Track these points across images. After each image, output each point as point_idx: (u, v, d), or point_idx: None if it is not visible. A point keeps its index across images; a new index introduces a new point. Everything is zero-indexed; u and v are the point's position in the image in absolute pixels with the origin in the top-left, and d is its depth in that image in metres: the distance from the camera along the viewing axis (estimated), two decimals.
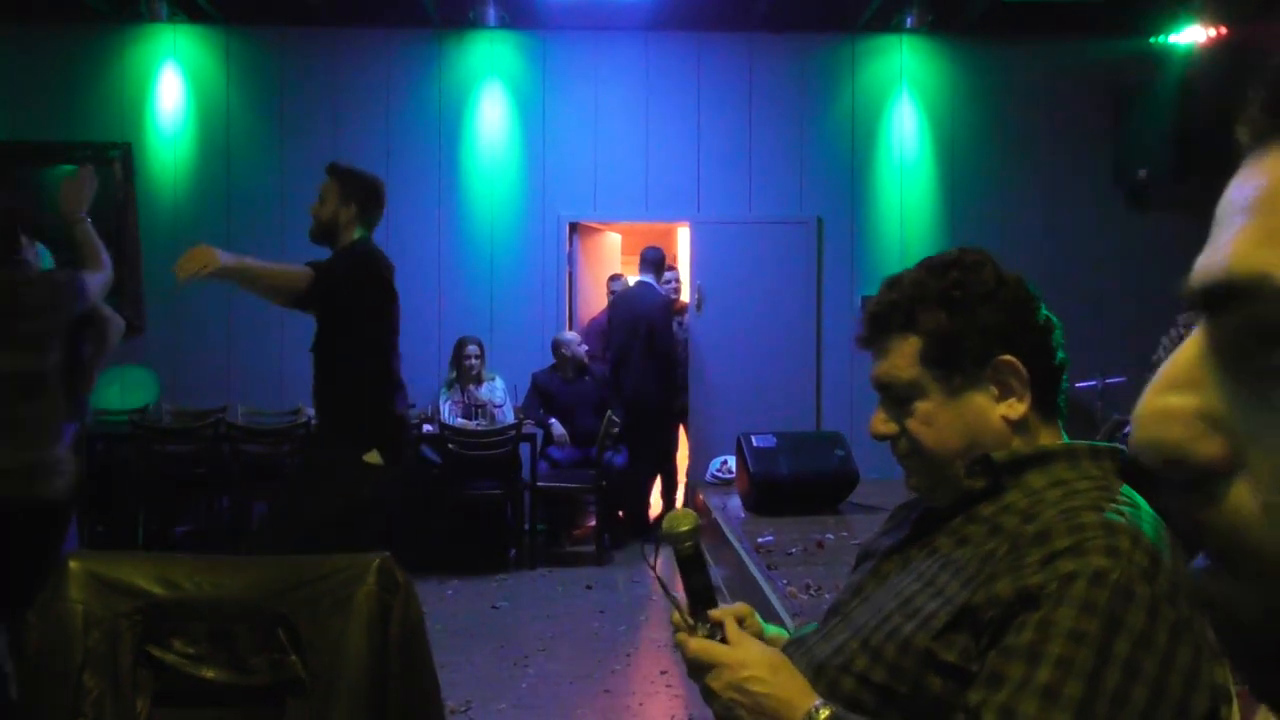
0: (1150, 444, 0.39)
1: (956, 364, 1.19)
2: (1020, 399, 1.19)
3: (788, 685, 1.14)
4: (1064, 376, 1.24)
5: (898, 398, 1.23)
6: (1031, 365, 1.19)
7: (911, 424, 1.22)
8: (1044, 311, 1.23)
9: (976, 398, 1.19)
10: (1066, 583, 1.01)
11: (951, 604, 1.09)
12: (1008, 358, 1.18)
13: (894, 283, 1.25)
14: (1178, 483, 0.39)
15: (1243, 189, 0.39)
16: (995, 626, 1.05)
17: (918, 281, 1.22)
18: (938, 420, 1.20)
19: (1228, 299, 0.37)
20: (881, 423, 1.26)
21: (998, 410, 1.19)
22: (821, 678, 1.18)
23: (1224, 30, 6.33)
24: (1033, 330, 1.21)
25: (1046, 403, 1.21)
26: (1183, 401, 0.39)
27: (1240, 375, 0.38)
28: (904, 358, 1.21)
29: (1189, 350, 0.40)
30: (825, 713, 1.09)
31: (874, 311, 1.25)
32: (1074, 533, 1.05)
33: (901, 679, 1.10)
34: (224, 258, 2.93)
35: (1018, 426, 1.19)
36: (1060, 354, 1.23)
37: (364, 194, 3.38)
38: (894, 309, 1.23)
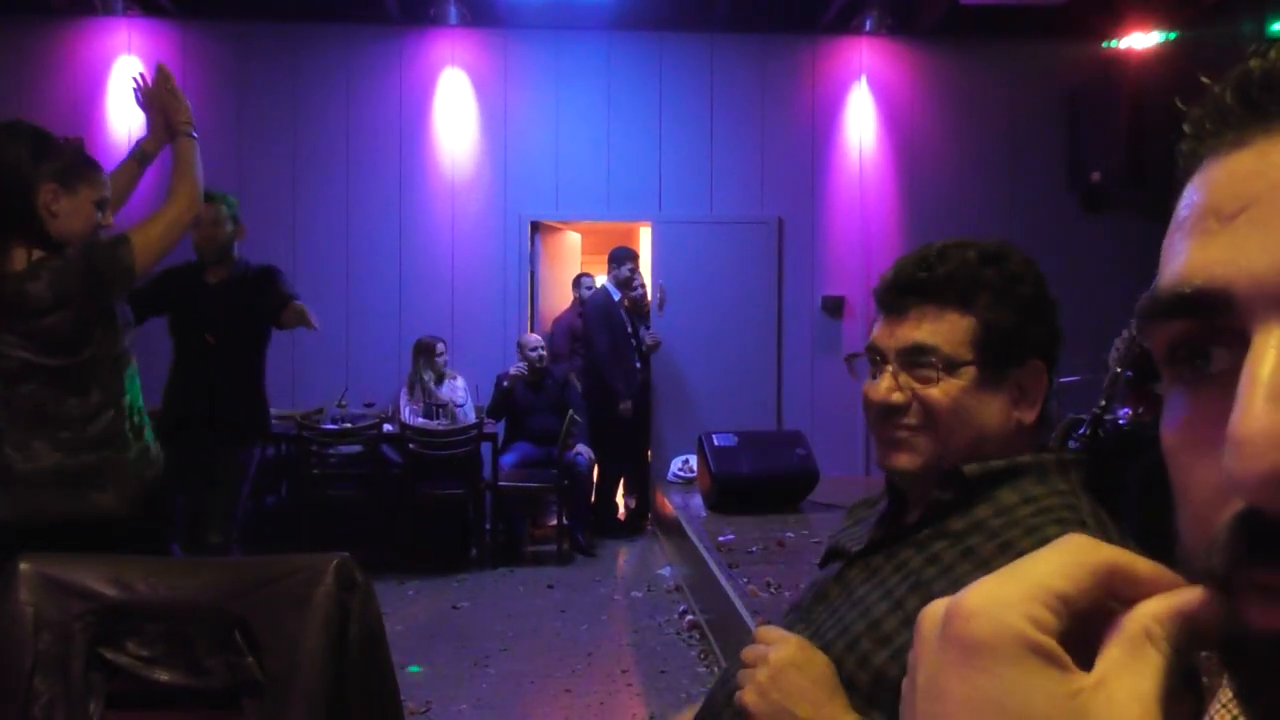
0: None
1: (1002, 360, 1.17)
2: (1032, 406, 1.18)
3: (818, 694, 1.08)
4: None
5: (926, 367, 1.18)
6: (1051, 376, 1.19)
7: (934, 393, 1.17)
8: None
9: (999, 397, 1.18)
10: None
11: None
12: (1039, 364, 1.18)
13: (942, 254, 1.19)
14: None
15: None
16: None
17: (970, 263, 1.18)
18: (962, 404, 1.17)
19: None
20: (893, 390, 1.18)
21: (1013, 414, 1.18)
22: None
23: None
24: (1058, 341, 1.20)
25: (1043, 413, 1.21)
26: None
27: None
28: (956, 333, 1.17)
29: None
30: None
31: (924, 278, 1.19)
32: (1037, 542, 1.05)
33: (879, 705, 1.08)
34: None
35: (1019, 433, 1.18)
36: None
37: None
38: (949, 283, 1.17)
